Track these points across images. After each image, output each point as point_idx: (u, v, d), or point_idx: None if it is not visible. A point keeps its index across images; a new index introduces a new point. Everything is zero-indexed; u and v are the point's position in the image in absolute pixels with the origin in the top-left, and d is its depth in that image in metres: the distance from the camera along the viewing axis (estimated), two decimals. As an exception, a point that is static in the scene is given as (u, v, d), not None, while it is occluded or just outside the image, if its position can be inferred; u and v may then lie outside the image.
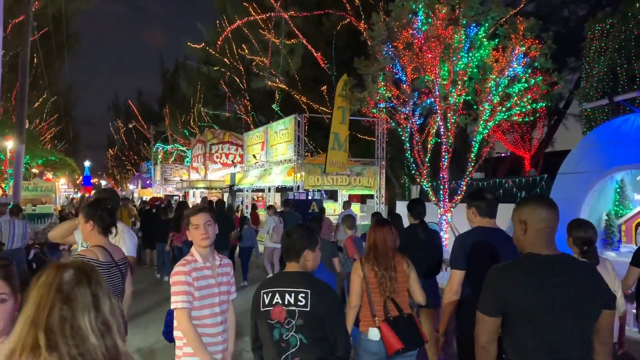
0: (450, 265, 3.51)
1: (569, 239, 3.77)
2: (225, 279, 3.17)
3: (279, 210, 12.48)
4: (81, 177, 62.59)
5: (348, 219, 7.42)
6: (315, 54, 21.74)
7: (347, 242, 6.97)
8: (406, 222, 5.85)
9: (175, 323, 2.96)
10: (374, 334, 3.52)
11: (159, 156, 38.23)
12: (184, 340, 2.94)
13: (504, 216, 12.13)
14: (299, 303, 2.60)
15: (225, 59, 27.73)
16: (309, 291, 2.61)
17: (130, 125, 44.36)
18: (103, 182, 77.82)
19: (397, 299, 3.59)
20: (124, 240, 3.82)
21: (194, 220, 3.08)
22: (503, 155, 23.62)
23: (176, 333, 3.00)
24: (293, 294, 2.62)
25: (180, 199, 26.35)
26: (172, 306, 2.91)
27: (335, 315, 2.65)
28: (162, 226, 11.32)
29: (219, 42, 25.54)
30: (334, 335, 2.62)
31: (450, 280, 3.45)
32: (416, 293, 3.73)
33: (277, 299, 2.64)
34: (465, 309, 3.32)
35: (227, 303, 3.17)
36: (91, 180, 64.54)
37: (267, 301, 2.67)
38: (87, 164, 62.28)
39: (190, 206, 17.62)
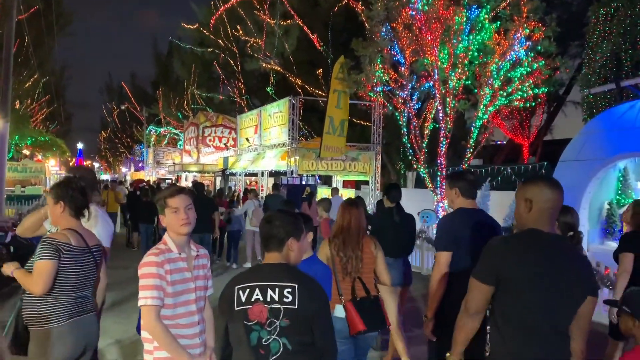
0: (436, 247, 3.50)
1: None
2: (201, 273, 2.75)
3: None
4: (74, 159, 62.11)
5: (323, 202, 7.63)
6: (311, 36, 21.23)
7: (323, 223, 7.24)
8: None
9: (142, 323, 2.54)
10: (339, 311, 3.51)
11: (152, 139, 37.72)
12: (154, 343, 2.53)
13: (504, 204, 11.66)
14: (285, 300, 2.16)
15: (220, 41, 27.18)
16: (296, 285, 2.18)
17: (123, 107, 43.76)
18: (96, 165, 77.32)
19: (363, 279, 3.62)
20: (97, 227, 3.36)
21: (172, 202, 2.64)
22: (499, 142, 23.36)
23: (144, 334, 2.58)
24: (277, 289, 2.18)
25: (173, 182, 25.96)
26: (140, 303, 2.49)
27: (325, 316, 2.24)
28: (145, 208, 11.38)
29: (212, 22, 24.94)
30: (321, 341, 2.20)
31: (437, 263, 3.40)
32: (382, 274, 3.77)
33: (256, 295, 2.19)
34: (450, 290, 3.31)
35: (203, 300, 2.76)
36: (84, 163, 64.10)
37: (243, 298, 2.21)
38: (80, 146, 61.77)
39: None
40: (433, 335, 3.42)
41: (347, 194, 16.40)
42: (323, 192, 16.60)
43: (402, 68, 12.56)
